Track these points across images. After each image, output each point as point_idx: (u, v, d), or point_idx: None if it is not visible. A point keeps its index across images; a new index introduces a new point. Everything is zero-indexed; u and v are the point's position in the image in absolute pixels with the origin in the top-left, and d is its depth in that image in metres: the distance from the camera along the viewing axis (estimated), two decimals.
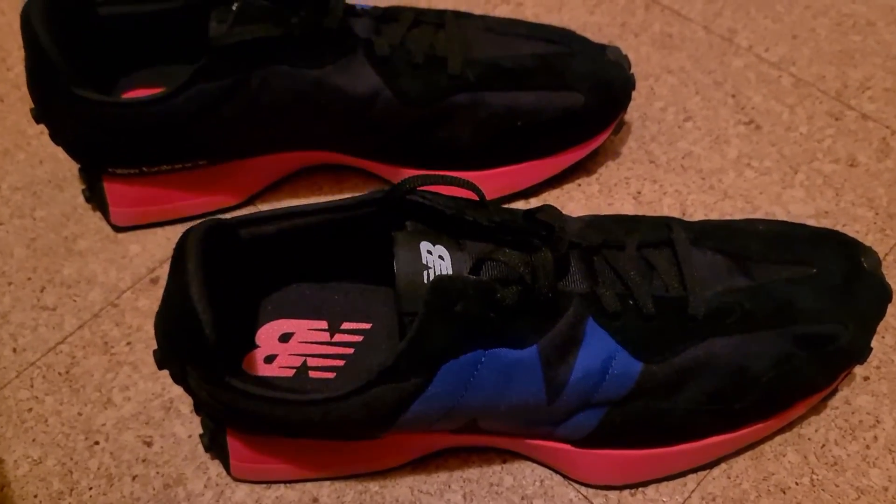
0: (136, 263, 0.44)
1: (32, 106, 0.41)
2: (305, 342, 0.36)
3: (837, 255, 0.35)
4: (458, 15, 0.43)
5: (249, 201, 0.46)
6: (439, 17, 0.42)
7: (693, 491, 0.36)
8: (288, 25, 0.37)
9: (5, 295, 0.44)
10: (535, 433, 0.34)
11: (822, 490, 0.36)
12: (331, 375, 0.36)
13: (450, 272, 0.31)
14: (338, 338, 0.37)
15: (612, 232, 0.34)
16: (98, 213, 0.46)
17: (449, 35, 0.41)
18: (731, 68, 0.50)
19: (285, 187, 0.46)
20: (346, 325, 0.37)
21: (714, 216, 0.44)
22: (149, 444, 0.39)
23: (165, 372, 0.41)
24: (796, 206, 0.44)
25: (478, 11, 0.54)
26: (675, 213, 0.44)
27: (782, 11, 0.52)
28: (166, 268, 0.44)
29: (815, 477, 0.36)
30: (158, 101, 0.38)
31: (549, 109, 0.41)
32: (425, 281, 0.31)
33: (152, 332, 0.42)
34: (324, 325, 0.37)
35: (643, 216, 0.36)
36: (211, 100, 0.39)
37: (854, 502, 0.35)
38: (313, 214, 0.34)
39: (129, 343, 0.42)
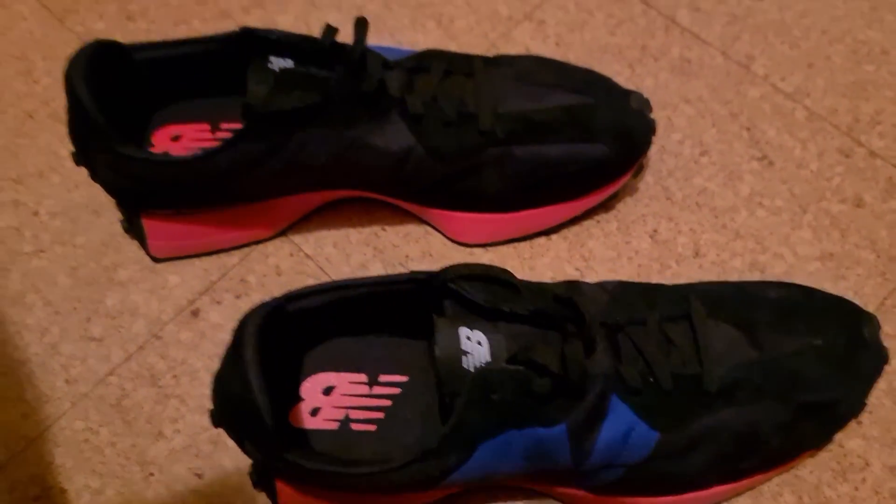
0: (176, 295, 0.47)
1: (68, 136, 0.42)
2: (347, 395, 0.39)
3: (841, 325, 0.38)
4: (486, 62, 0.44)
5: (282, 233, 0.48)
6: (468, 66, 0.43)
7: None
8: (326, 91, 0.39)
9: (53, 325, 0.46)
10: (558, 484, 0.38)
11: None
12: (372, 428, 0.39)
13: (488, 358, 0.34)
14: (377, 390, 0.40)
15: (634, 306, 0.37)
16: (136, 242, 0.48)
17: (479, 87, 0.42)
18: (748, 99, 0.51)
19: (315, 218, 0.48)
20: (383, 378, 0.40)
21: (725, 256, 0.46)
22: (199, 476, 0.42)
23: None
24: (803, 247, 0.46)
25: (500, 29, 0.54)
26: (689, 253, 0.46)
27: (799, 36, 0.53)
28: (206, 300, 0.46)
29: None
30: (200, 159, 0.40)
31: (574, 161, 0.43)
32: (464, 366, 0.33)
33: (196, 364, 0.45)
34: (363, 378, 0.40)
35: (663, 287, 0.38)
36: (250, 159, 0.40)
37: None
38: (358, 288, 0.36)
39: (174, 376, 0.45)
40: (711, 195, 0.48)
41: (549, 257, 0.47)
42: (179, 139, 0.46)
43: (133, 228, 0.46)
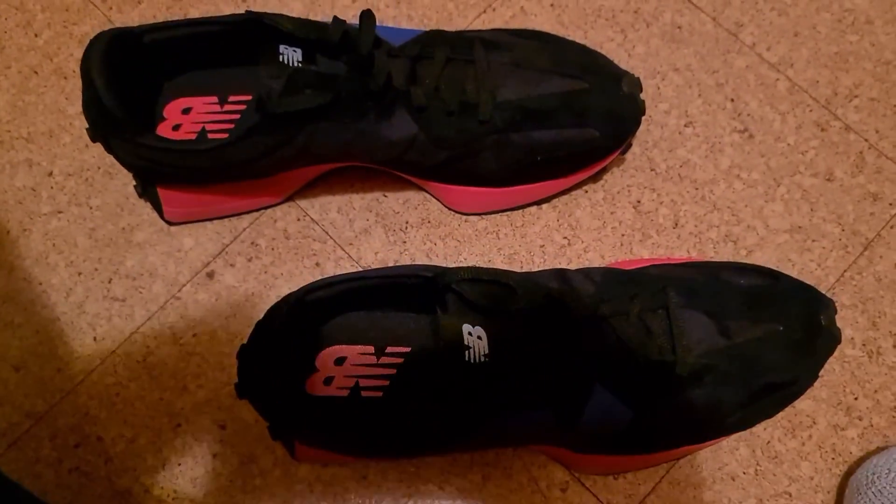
0: (192, 257, 0.50)
1: (77, 102, 0.44)
2: (356, 364, 0.44)
3: (801, 311, 0.42)
4: (486, 47, 0.46)
5: (289, 198, 0.51)
6: (469, 51, 0.45)
7: (663, 477, 0.46)
8: (335, 89, 0.40)
9: (77, 285, 0.49)
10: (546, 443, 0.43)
11: (763, 478, 0.46)
12: (379, 394, 0.43)
13: (486, 351, 0.38)
14: (383, 360, 0.44)
15: (618, 298, 0.41)
16: (149, 204, 0.51)
17: (479, 75, 0.44)
18: (734, 69, 0.53)
19: (320, 184, 0.51)
20: (389, 349, 0.44)
21: (702, 228, 0.50)
22: (223, 427, 0.47)
23: (231, 362, 0.48)
24: (775, 220, 0.50)
25: None
26: (669, 224, 0.50)
27: (789, 3, 0.55)
28: (219, 262, 0.50)
29: (758, 468, 0.46)
30: (214, 148, 0.42)
31: (566, 144, 0.46)
32: (467, 359, 0.38)
33: (214, 324, 0.49)
34: (371, 349, 0.44)
35: (644, 277, 0.42)
36: (262, 149, 0.42)
37: (786, 488, 0.45)
38: (368, 279, 0.40)
39: (194, 335, 0.49)
40: (693, 167, 0.51)
41: (539, 226, 0.50)
42: (190, 112, 0.48)
43: (147, 195, 0.49)
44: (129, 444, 0.47)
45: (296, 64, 0.44)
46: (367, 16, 0.42)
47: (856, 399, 0.47)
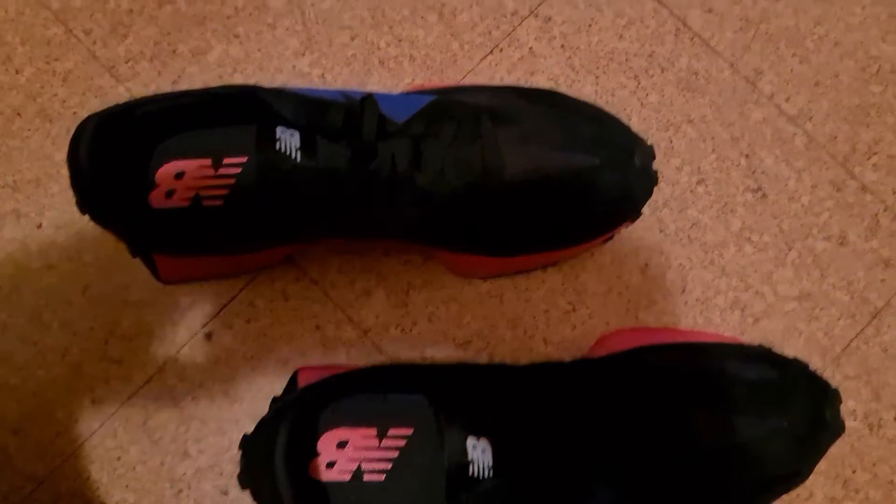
0: (189, 318, 0.49)
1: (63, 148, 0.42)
2: (358, 448, 0.43)
3: (807, 406, 0.42)
4: (494, 120, 0.43)
5: (287, 259, 0.49)
6: (476, 126, 0.43)
7: None
8: (337, 185, 0.39)
9: (73, 345, 0.49)
10: None
11: None
12: (381, 478, 0.43)
13: (490, 463, 0.38)
14: (385, 443, 0.44)
15: None
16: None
17: (486, 155, 0.42)
18: (750, 121, 0.51)
19: (323, 241, 0.49)
20: (392, 431, 0.44)
21: (710, 294, 0.49)
22: (225, 493, 0.47)
23: (233, 427, 0.48)
24: (784, 286, 0.49)
25: (504, 27, 0.52)
26: (676, 289, 0.49)
27: (811, 49, 0.52)
28: (218, 322, 0.49)
29: None
30: (205, 241, 0.41)
31: (575, 222, 0.44)
32: (469, 473, 0.38)
33: (213, 388, 0.48)
34: (373, 432, 0.44)
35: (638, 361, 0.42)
36: (257, 244, 0.41)
37: None
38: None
39: (193, 398, 0.48)
40: (703, 229, 0.50)
41: (543, 290, 0.49)
42: (183, 176, 0.46)
43: (141, 255, 0.47)
44: None
45: (294, 150, 0.41)
46: (370, 104, 0.40)
47: (854, 472, 0.47)
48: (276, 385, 0.48)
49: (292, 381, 0.47)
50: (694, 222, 0.50)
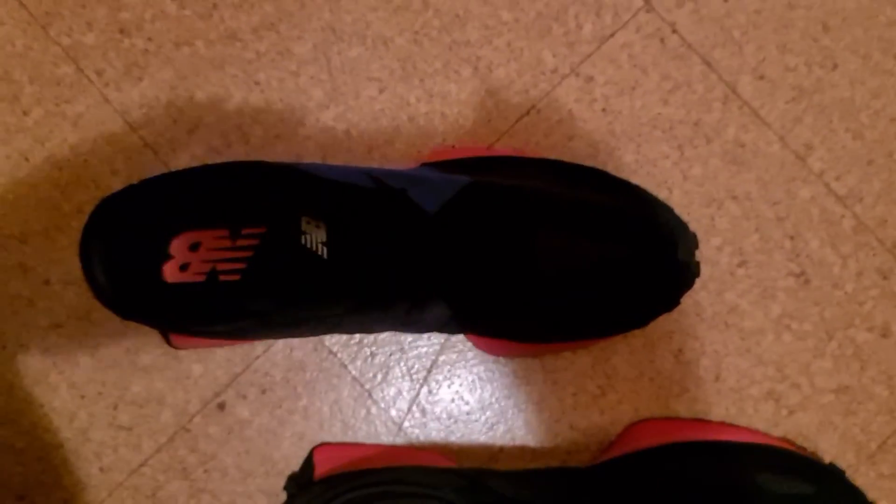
0: (201, 385, 0.47)
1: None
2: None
3: None
4: (532, 210, 0.41)
5: None
6: (513, 221, 0.40)
7: None
8: (363, 286, 0.36)
9: (80, 409, 0.47)
10: None
11: None
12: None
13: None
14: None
15: None
16: None
17: (523, 250, 0.40)
18: (797, 200, 0.48)
19: None
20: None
21: (744, 383, 0.47)
22: None
23: (245, 501, 0.46)
24: (821, 377, 0.47)
25: (543, 86, 0.49)
26: (710, 377, 0.47)
27: (866, 124, 0.49)
28: (231, 393, 0.47)
29: None
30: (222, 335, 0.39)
31: (610, 316, 0.42)
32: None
33: (226, 460, 0.47)
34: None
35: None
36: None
37: None
38: None
39: (205, 471, 0.47)
40: (742, 314, 0.47)
41: (572, 372, 0.47)
42: (198, 248, 0.43)
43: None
44: None
45: (320, 246, 0.39)
46: (402, 196, 0.37)
47: None
48: (291, 461, 0.46)
49: (308, 459, 0.45)
50: (732, 307, 0.48)
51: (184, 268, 0.43)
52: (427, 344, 0.47)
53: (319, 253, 0.38)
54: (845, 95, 0.49)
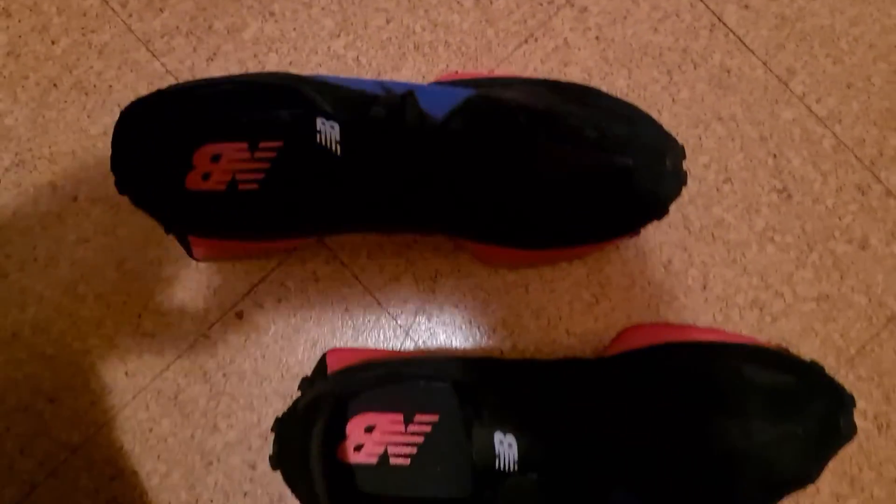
0: (220, 296, 0.50)
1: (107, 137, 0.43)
2: (385, 432, 0.45)
3: (821, 414, 0.43)
4: (529, 119, 0.44)
5: (318, 242, 0.50)
6: (512, 125, 0.43)
7: None
8: (376, 182, 0.39)
9: (107, 318, 0.50)
10: None
11: None
12: (406, 462, 0.45)
13: (516, 458, 0.39)
14: (411, 428, 0.45)
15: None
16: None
17: (522, 151, 0.43)
18: (780, 121, 0.51)
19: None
20: (418, 417, 0.45)
21: (730, 292, 0.50)
22: (253, 468, 0.49)
23: (262, 404, 0.49)
24: (803, 286, 0.50)
25: (540, 16, 0.52)
26: (697, 286, 0.50)
27: (845, 50, 0.52)
28: (248, 302, 0.50)
29: None
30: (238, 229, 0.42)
31: (604, 223, 0.45)
32: (496, 466, 0.39)
33: (244, 365, 0.50)
34: (400, 417, 0.45)
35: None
36: (291, 234, 0.42)
37: None
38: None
39: (224, 374, 0.50)
40: (727, 227, 0.50)
41: (568, 281, 0.50)
42: (219, 159, 0.46)
43: (174, 233, 0.48)
44: (164, 478, 0.49)
45: (335, 144, 0.42)
46: (411, 101, 0.40)
47: (860, 470, 0.49)
48: (304, 365, 0.49)
49: (321, 362, 0.48)
50: (718, 220, 0.51)
51: (206, 177, 0.46)
52: (433, 256, 0.50)
53: (334, 150, 0.41)
54: (826, 23, 0.52)
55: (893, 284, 0.50)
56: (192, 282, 0.50)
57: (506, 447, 0.39)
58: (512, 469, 0.40)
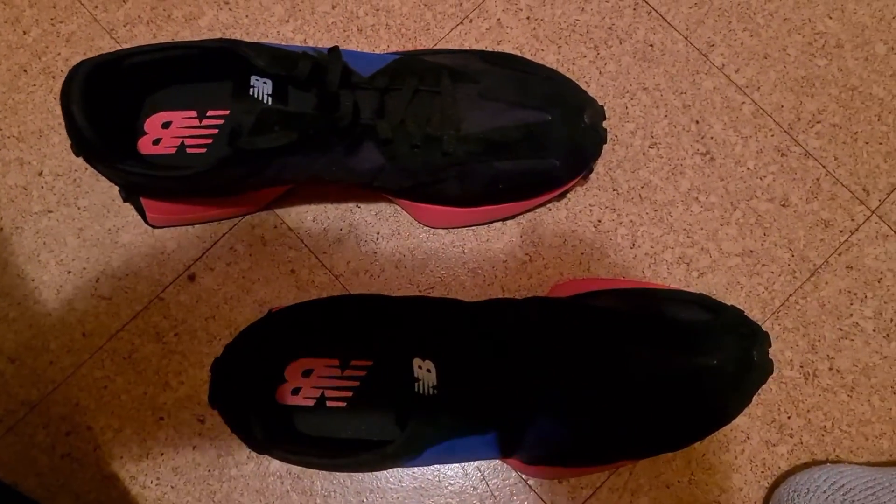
0: (174, 259, 0.53)
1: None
2: (322, 377, 0.47)
3: (736, 346, 0.45)
4: (454, 78, 0.47)
5: (268, 207, 0.53)
6: (437, 83, 0.47)
7: (603, 483, 0.50)
8: (304, 128, 0.42)
9: (67, 283, 0.53)
10: None
11: (696, 487, 0.50)
12: (343, 404, 0.47)
13: (434, 383, 0.41)
14: (347, 373, 0.47)
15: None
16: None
17: (444, 109, 0.46)
18: (701, 90, 0.54)
19: (296, 193, 0.53)
20: (354, 363, 0.47)
21: (658, 249, 0.52)
22: (202, 422, 0.51)
23: (211, 360, 0.52)
24: (728, 243, 0.52)
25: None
26: (626, 244, 0.52)
27: (761, 24, 0.55)
28: (200, 265, 0.53)
29: (693, 478, 0.50)
30: (188, 178, 0.45)
31: (528, 174, 0.48)
32: (416, 390, 0.41)
33: (195, 325, 0.52)
34: (336, 362, 0.47)
35: (589, 306, 0.45)
36: (235, 177, 0.45)
37: (716, 497, 0.49)
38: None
39: (176, 334, 0.52)
40: (654, 188, 0.53)
41: (502, 242, 0.53)
42: (170, 126, 0.50)
43: (131, 200, 0.51)
44: (117, 433, 0.51)
45: (266, 96, 0.45)
46: (335, 56, 0.43)
47: (789, 417, 0.50)
48: None
49: (266, 318, 0.51)
50: (645, 182, 0.53)
51: (156, 142, 0.50)
52: (374, 219, 0.53)
53: (265, 102, 0.45)
54: (742, 0, 0.56)
55: (814, 240, 0.52)
56: (148, 248, 0.53)
57: (424, 372, 0.41)
58: (430, 392, 0.42)
